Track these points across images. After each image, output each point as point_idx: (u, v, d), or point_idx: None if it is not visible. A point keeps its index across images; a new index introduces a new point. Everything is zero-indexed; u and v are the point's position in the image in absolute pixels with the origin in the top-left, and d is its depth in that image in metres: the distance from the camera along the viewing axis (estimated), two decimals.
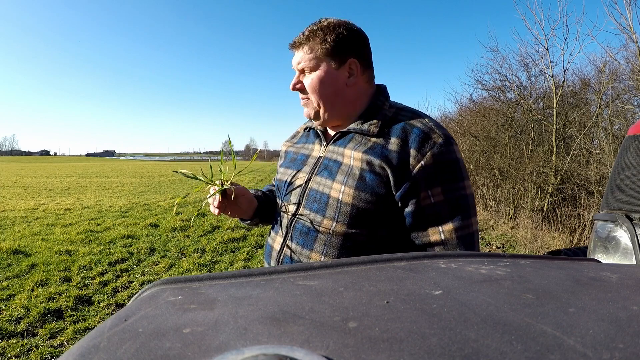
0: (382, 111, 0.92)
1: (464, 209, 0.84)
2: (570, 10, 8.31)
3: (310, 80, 0.91)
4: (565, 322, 0.28)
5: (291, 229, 0.93)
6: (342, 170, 0.88)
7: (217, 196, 0.96)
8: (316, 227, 0.88)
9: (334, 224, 0.86)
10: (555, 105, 6.50)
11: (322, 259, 0.86)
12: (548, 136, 6.84)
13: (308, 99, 0.94)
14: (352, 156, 0.88)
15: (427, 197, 0.83)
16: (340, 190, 0.86)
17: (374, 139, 0.88)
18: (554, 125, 6.49)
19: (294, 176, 0.98)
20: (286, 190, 0.98)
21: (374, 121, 0.90)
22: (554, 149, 6.48)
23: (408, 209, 0.84)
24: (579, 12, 7.04)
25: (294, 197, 0.94)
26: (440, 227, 0.83)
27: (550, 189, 6.37)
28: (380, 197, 0.83)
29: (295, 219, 0.92)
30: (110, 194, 10.41)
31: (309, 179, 0.93)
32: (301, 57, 0.91)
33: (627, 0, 4.98)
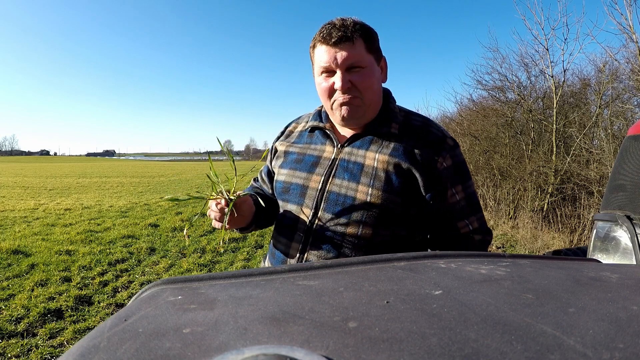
0: (395, 114, 0.94)
1: (477, 202, 0.95)
2: (570, 10, 8.31)
3: (363, 76, 0.87)
4: (565, 322, 0.28)
5: (311, 234, 0.89)
6: (366, 172, 0.88)
7: (226, 210, 0.87)
8: (341, 231, 0.87)
9: (361, 226, 0.86)
10: (555, 105, 6.50)
11: None
12: (548, 136, 6.84)
13: (356, 97, 0.88)
14: (377, 159, 0.88)
15: (453, 194, 0.90)
16: (367, 193, 0.86)
17: (394, 142, 0.90)
18: (554, 125, 6.49)
19: (306, 178, 0.93)
20: (299, 194, 0.93)
21: (393, 124, 0.92)
22: (554, 149, 6.48)
23: (438, 207, 0.90)
24: (579, 12, 7.04)
25: (309, 201, 0.91)
26: (466, 220, 0.92)
27: (550, 189, 6.37)
28: (407, 198, 0.87)
29: (316, 223, 0.89)
30: (110, 194, 10.41)
31: (325, 182, 0.91)
32: (350, 53, 0.85)
33: (627, 0, 4.98)
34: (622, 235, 1.51)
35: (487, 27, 21.21)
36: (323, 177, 0.91)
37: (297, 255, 0.91)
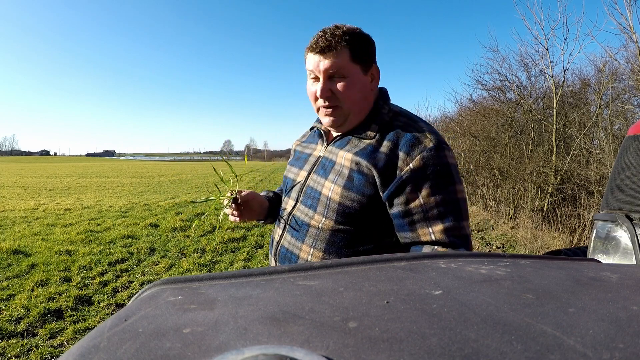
0: (380, 115, 0.95)
1: (454, 211, 0.85)
2: (570, 10, 8.31)
3: (343, 86, 0.89)
4: (565, 322, 0.28)
5: (289, 222, 1.00)
6: (335, 169, 0.93)
7: (230, 205, 1.03)
8: (308, 221, 0.94)
9: (323, 219, 0.91)
10: (555, 105, 6.50)
11: (310, 251, 0.92)
12: (548, 136, 6.84)
13: (336, 106, 0.91)
14: (344, 157, 0.92)
15: (416, 198, 0.85)
16: (330, 189, 0.91)
17: (367, 141, 0.92)
18: (554, 125, 6.49)
19: (296, 173, 1.05)
20: (290, 187, 1.05)
21: (373, 125, 0.94)
22: (554, 149, 6.48)
23: (395, 210, 0.86)
24: (578, 12, 7.03)
25: (294, 193, 1.02)
26: (430, 228, 0.84)
27: (550, 189, 6.37)
28: (366, 197, 0.87)
29: (293, 213, 0.99)
30: (110, 194, 10.41)
31: (307, 177, 1.00)
32: (331, 62, 0.88)
33: (627, 0, 4.98)
34: (622, 235, 1.51)
35: (487, 27, 21.18)
36: (307, 173, 1.01)
37: (278, 239, 1.02)
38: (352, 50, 0.89)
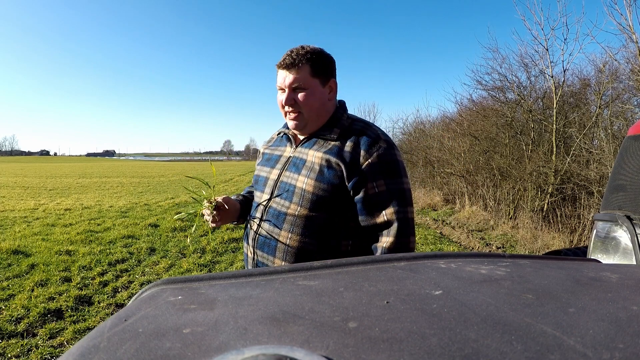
0: (341, 121, 1.15)
1: (401, 198, 1.06)
2: (570, 10, 8.31)
3: (304, 96, 1.09)
4: (565, 322, 0.28)
5: (265, 213, 1.13)
6: (306, 166, 1.10)
7: (211, 212, 1.17)
8: (285, 211, 1.09)
9: (299, 208, 1.07)
10: (555, 105, 6.50)
11: (288, 236, 1.08)
12: (548, 136, 6.84)
13: (299, 112, 1.11)
14: (315, 155, 1.10)
15: (373, 187, 1.05)
16: (304, 182, 1.08)
17: (332, 143, 1.10)
18: (554, 125, 6.49)
19: (268, 172, 1.20)
20: (262, 184, 1.19)
21: (335, 129, 1.12)
22: (554, 149, 6.48)
23: (358, 197, 1.05)
24: (578, 12, 7.04)
25: (268, 189, 1.17)
26: (383, 211, 1.05)
27: (550, 189, 6.37)
28: (335, 187, 1.05)
29: (269, 205, 1.13)
30: (110, 194, 10.41)
31: (280, 174, 1.15)
32: (295, 77, 1.08)
33: (627, 0, 4.98)
34: (622, 235, 1.51)
35: (486, 27, 21.15)
36: (280, 171, 1.16)
37: (255, 229, 1.15)
38: (312, 67, 1.08)
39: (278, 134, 1.30)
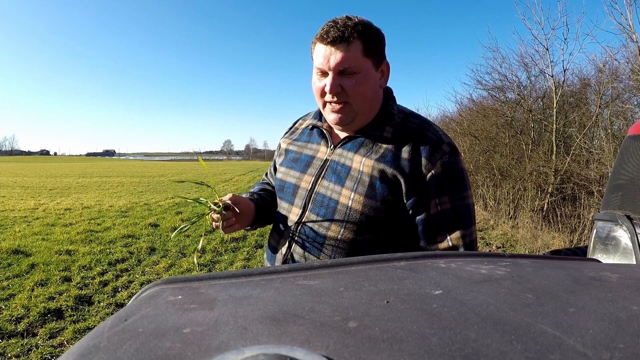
0: (392, 116, 0.91)
1: (467, 217, 0.86)
2: (570, 10, 8.30)
3: (355, 82, 0.84)
4: (565, 322, 0.28)
5: (297, 233, 0.91)
6: (352, 176, 0.87)
7: (220, 216, 0.91)
8: (324, 232, 0.87)
9: (342, 230, 0.86)
10: (555, 105, 6.50)
11: None
12: (548, 136, 6.84)
13: (346, 102, 0.86)
14: (363, 162, 0.87)
15: (436, 205, 0.84)
16: (349, 197, 0.85)
17: (385, 146, 0.87)
18: (554, 125, 6.49)
19: (298, 178, 0.95)
20: (291, 193, 0.95)
21: (387, 127, 0.89)
22: (554, 149, 6.48)
23: (418, 217, 0.85)
24: (578, 12, 7.02)
25: (299, 200, 0.92)
26: (448, 235, 0.85)
27: (550, 189, 6.36)
28: (389, 205, 0.84)
29: (302, 223, 0.90)
30: (110, 193, 10.41)
31: (315, 182, 0.91)
32: (344, 56, 0.82)
33: (627, 0, 4.98)
34: (622, 235, 1.51)
35: (486, 27, 21.14)
36: (313, 178, 0.92)
37: (284, 252, 0.92)
38: (364, 44, 0.83)
39: (306, 126, 1.04)
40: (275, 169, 1.11)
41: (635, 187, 1.51)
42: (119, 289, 3.37)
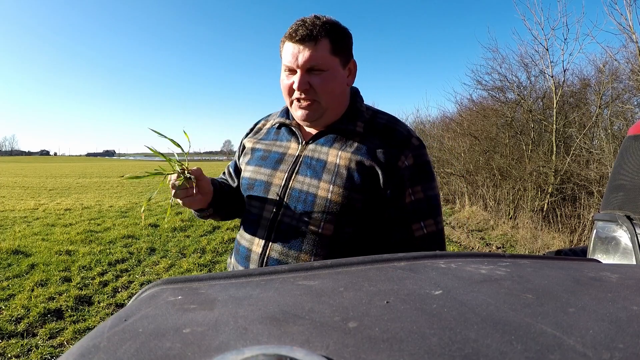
0: (362, 113, 0.94)
1: (437, 206, 0.92)
2: (570, 10, 8.31)
3: (323, 80, 0.86)
4: (565, 322, 0.28)
5: (274, 230, 0.90)
6: (328, 169, 0.88)
7: (185, 182, 0.89)
8: (303, 228, 0.87)
9: (322, 223, 0.86)
10: (555, 105, 6.50)
11: (311, 260, 0.86)
12: (548, 136, 6.84)
13: (314, 100, 0.87)
14: (339, 156, 0.88)
15: (410, 194, 0.88)
16: (328, 190, 0.86)
17: (358, 140, 0.90)
18: (554, 125, 6.49)
19: (270, 175, 0.94)
20: (263, 190, 0.93)
21: (358, 123, 0.92)
22: (554, 149, 6.48)
23: (393, 206, 0.88)
24: (578, 12, 7.03)
25: (272, 197, 0.91)
26: (422, 222, 0.89)
27: (550, 189, 6.36)
28: (367, 196, 0.86)
29: (278, 219, 0.89)
30: (110, 194, 10.41)
31: (289, 178, 0.91)
32: (312, 54, 0.84)
33: (627, 0, 4.98)
34: (622, 235, 1.51)
35: (486, 27, 21.14)
36: (286, 174, 0.91)
37: (260, 250, 0.91)
38: (332, 42, 0.85)
39: (272, 125, 1.03)
40: (236, 170, 1.11)
41: (635, 187, 1.51)
42: (119, 289, 3.37)
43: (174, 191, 0.89)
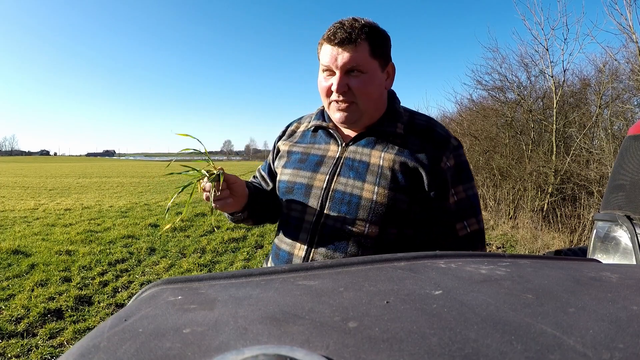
0: (401, 114, 0.95)
1: (478, 205, 0.94)
2: (570, 10, 8.30)
3: (362, 82, 0.86)
4: (565, 322, 0.28)
5: (317, 233, 0.89)
6: (372, 171, 0.88)
7: (212, 184, 0.85)
8: (348, 230, 0.86)
9: (367, 225, 0.86)
10: (555, 105, 6.50)
11: None
12: (548, 136, 6.84)
13: (352, 102, 0.87)
14: (382, 157, 0.88)
15: (452, 195, 0.90)
16: (373, 191, 0.86)
17: (400, 141, 0.90)
18: (554, 125, 6.49)
19: (310, 177, 0.93)
20: (304, 193, 0.92)
21: (399, 124, 0.93)
22: (554, 149, 6.48)
23: (437, 207, 0.89)
24: (578, 12, 7.04)
25: (314, 200, 0.90)
26: (465, 222, 0.90)
27: (550, 189, 6.36)
28: (412, 197, 0.87)
29: (322, 222, 0.89)
30: (110, 194, 10.41)
31: (330, 180, 0.90)
32: (352, 56, 0.84)
33: (627, 0, 4.98)
34: (622, 235, 1.51)
35: (486, 27, 21.13)
36: (328, 176, 0.91)
37: (303, 254, 0.90)
38: (371, 45, 0.86)
39: (307, 128, 1.03)
40: (270, 173, 1.10)
41: (635, 188, 1.51)
42: (119, 289, 3.37)
43: (209, 199, 0.86)
